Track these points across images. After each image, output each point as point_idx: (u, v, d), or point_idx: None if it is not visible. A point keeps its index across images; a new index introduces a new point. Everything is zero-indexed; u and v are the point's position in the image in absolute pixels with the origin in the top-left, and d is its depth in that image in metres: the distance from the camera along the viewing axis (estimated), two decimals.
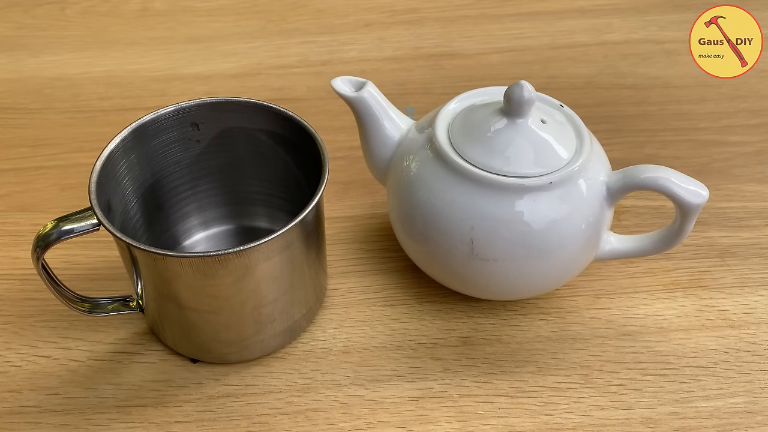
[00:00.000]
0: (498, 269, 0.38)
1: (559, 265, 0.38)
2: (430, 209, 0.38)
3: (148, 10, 0.66)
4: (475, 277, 0.39)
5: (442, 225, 0.37)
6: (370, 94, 0.39)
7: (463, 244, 0.37)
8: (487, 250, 0.37)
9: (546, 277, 0.39)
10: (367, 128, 0.41)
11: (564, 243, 0.37)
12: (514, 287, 0.39)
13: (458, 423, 0.38)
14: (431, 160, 0.38)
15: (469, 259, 0.37)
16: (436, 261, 0.40)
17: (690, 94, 0.57)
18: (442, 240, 0.38)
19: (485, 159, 0.37)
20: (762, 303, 0.43)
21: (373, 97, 0.40)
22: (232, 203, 0.45)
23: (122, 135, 0.38)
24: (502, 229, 0.36)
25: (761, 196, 0.49)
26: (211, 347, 0.39)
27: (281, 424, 0.38)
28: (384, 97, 0.40)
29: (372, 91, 0.40)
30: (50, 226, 0.34)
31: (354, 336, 0.41)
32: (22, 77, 0.59)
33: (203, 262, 0.34)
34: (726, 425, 0.38)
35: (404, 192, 0.39)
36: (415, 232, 0.40)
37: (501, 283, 0.39)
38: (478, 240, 0.37)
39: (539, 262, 0.38)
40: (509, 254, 0.37)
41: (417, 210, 0.39)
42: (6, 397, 0.39)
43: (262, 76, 0.59)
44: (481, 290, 0.40)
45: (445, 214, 0.37)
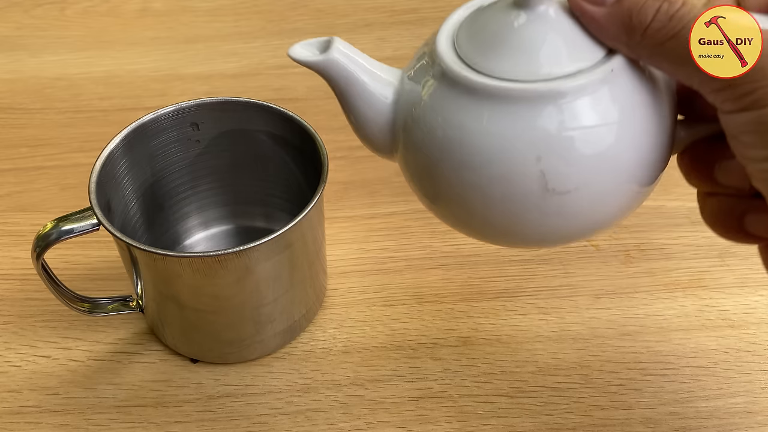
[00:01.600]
0: (583, 198, 0.29)
1: (648, 164, 0.30)
2: (476, 158, 0.29)
3: (148, 10, 0.65)
4: (555, 219, 0.30)
5: (498, 172, 0.28)
6: (341, 53, 0.30)
7: (533, 183, 0.28)
8: (566, 179, 0.28)
9: (637, 185, 0.30)
10: (348, 97, 0.32)
11: (648, 132, 0.29)
12: (604, 216, 0.31)
13: (458, 423, 0.38)
14: (450, 97, 0.29)
15: (543, 198, 0.29)
16: (498, 217, 0.30)
17: None
18: (502, 190, 0.29)
19: (519, 68, 0.28)
20: (762, 303, 0.43)
21: (346, 57, 0.31)
22: (232, 203, 0.45)
23: (122, 135, 0.38)
24: (579, 145, 0.28)
25: None
26: (211, 347, 0.39)
27: (281, 424, 0.38)
28: (360, 53, 0.32)
29: (342, 48, 0.31)
30: (50, 226, 0.34)
31: (354, 336, 0.41)
32: (22, 77, 0.59)
33: (203, 262, 0.34)
34: (726, 425, 0.38)
35: (430, 153, 0.30)
36: (464, 193, 0.30)
37: (587, 215, 0.30)
38: (551, 170, 0.28)
39: (630, 169, 0.29)
40: (594, 173, 0.28)
41: (458, 168, 0.29)
42: (6, 397, 0.39)
43: (262, 76, 0.59)
44: (561, 233, 0.31)
45: (497, 156, 0.28)
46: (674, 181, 0.50)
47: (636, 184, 0.30)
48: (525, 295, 0.43)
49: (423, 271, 0.45)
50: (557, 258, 0.45)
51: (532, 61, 0.28)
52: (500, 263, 0.45)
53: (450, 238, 0.46)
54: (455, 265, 0.45)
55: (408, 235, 0.47)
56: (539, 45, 0.28)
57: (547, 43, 0.28)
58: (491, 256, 0.45)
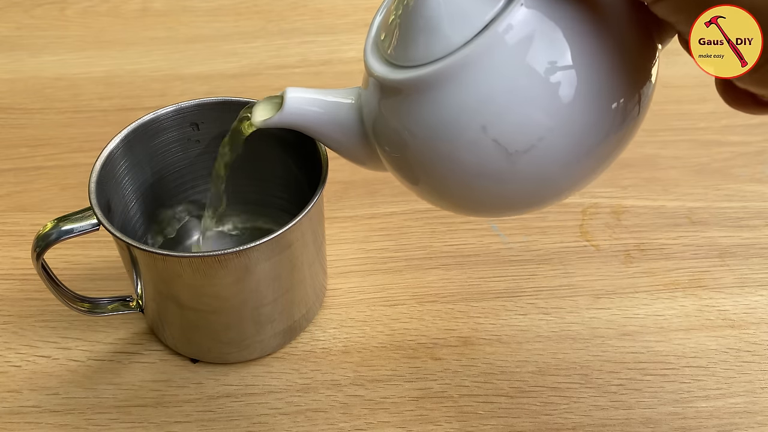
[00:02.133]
0: (552, 146, 0.27)
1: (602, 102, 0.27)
2: (433, 153, 0.28)
3: (148, 10, 0.65)
4: (534, 177, 0.28)
5: (458, 156, 0.28)
6: (295, 103, 0.32)
7: (494, 153, 0.27)
8: (521, 136, 0.27)
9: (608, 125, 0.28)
10: (319, 135, 0.34)
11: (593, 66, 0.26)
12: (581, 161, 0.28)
13: (458, 423, 0.38)
14: (388, 101, 0.29)
15: (513, 162, 0.27)
16: (480, 194, 0.30)
17: (690, 94, 0.57)
18: (472, 171, 0.28)
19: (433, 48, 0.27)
20: (762, 303, 0.43)
21: (300, 103, 0.32)
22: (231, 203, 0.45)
23: (122, 135, 0.38)
24: (515, 101, 0.26)
25: (761, 196, 0.49)
26: (211, 347, 0.39)
27: (281, 424, 0.38)
28: (315, 91, 0.33)
29: (295, 97, 0.32)
30: (50, 226, 0.34)
31: (354, 336, 0.41)
32: (22, 77, 0.59)
33: (203, 262, 0.34)
34: (726, 425, 0.38)
35: (398, 154, 0.30)
36: (441, 183, 0.30)
37: (564, 163, 0.28)
38: (502, 134, 0.27)
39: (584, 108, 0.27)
40: (547, 120, 0.26)
41: (425, 164, 0.29)
42: (6, 397, 0.39)
43: (262, 76, 0.59)
44: (548, 190, 0.30)
45: (450, 144, 0.28)
46: (674, 181, 0.50)
47: (597, 122, 0.27)
48: (525, 295, 0.43)
49: (423, 271, 0.45)
50: (557, 258, 0.45)
51: (441, 35, 0.26)
52: (500, 263, 0.45)
53: (450, 238, 0.46)
54: (455, 265, 0.45)
55: (408, 235, 0.47)
56: (440, 15, 0.27)
57: (446, 9, 0.26)
58: (491, 256, 0.45)
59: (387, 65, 0.28)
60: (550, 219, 0.48)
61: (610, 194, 0.49)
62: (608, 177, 0.50)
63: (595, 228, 0.47)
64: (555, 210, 0.48)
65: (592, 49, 0.26)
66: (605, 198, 0.49)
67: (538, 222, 0.47)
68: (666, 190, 0.50)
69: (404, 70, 0.27)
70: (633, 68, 0.28)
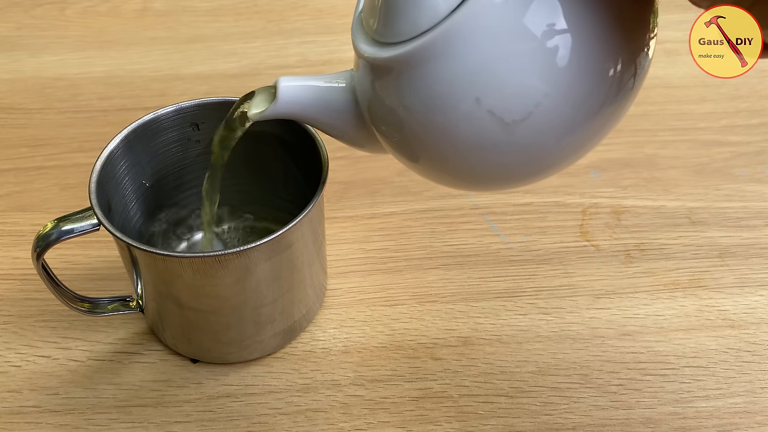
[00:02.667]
0: (549, 112, 0.26)
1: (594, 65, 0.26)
2: (430, 129, 0.28)
3: (148, 10, 0.65)
4: (535, 145, 0.27)
5: (455, 132, 0.27)
6: (288, 92, 0.31)
7: (491, 125, 0.26)
8: (515, 105, 0.26)
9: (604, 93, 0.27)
10: (316, 122, 0.33)
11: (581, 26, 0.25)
12: (582, 126, 0.27)
13: (458, 423, 0.38)
14: (380, 80, 0.29)
15: (510, 132, 0.26)
16: (482, 168, 0.29)
17: (690, 94, 0.57)
18: (471, 145, 0.27)
19: (417, 22, 0.26)
20: (762, 303, 0.43)
21: (293, 91, 0.32)
22: (232, 203, 0.45)
23: (122, 135, 0.38)
24: (505, 68, 0.25)
25: (761, 196, 0.49)
26: (211, 347, 0.39)
27: (281, 424, 0.38)
28: (307, 78, 0.32)
29: (288, 85, 0.32)
30: (50, 226, 0.34)
31: (354, 336, 0.41)
32: (22, 77, 0.59)
33: (203, 262, 0.34)
34: (726, 425, 0.38)
35: (394, 134, 0.30)
36: (442, 160, 0.29)
37: (565, 128, 0.27)
38: (496, 105, 0.26)
39: (591, 69, 0.26)
40: (552, 83, 0.25)
41: (423, 142, 0.29)
42: (6, 397, 0.39)
43: (262, 76, 0.59)
44: (551, 157, 0.29)
45: (446, 119, 0.27)
46: (674, 181, 0.50)
47: (593, 89, 0.26)
48: (525, 295, 0.43)
49: (423, 271, 0.45)
50: (557, 258, 0.45)
51: (425, 5, 0.25)
52: (500, 263, 0.45)
53: (450, 238, 0.46)
54: (455, 265, 0.45)
55: (408, 235, 0.47)
56: None
57: None
58: (491, 256, 0.45)
59: (375, 44, 0.28)
60: (550, 219, 0.48)
61: (610, 194, 0.49)
62: (608, 177, 0.50)
63: (595, 228, 0.47)
64: (555, 210, 0.48)
65: (585, 13, 0.25)
66: (605, 198, 0.49)
67: (538, 222, 0.47)
68: (666, 190, 0.50)
69: (392, 48, 0.27)
70: (628, 37, 0.27)
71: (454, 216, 0.48)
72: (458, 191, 0.49)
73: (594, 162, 0.51)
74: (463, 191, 0.36)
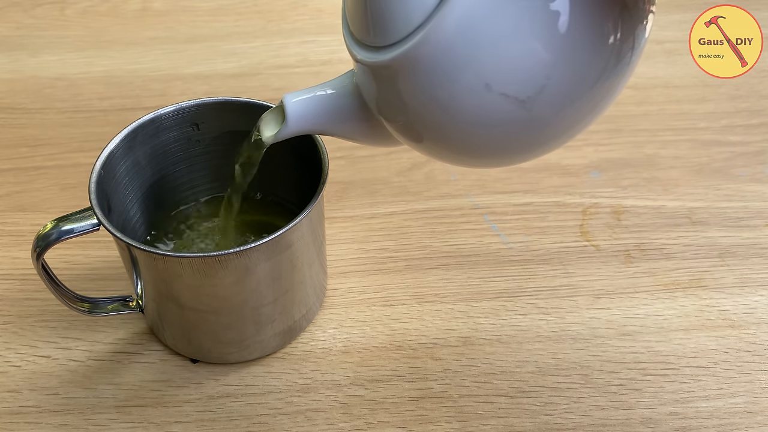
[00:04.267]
0: (560, 86, 0.26)
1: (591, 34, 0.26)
2: (443, 120, 0.27)
3: (148, 10, 0.65)
4: (553, 117, 0.27)
5: (469, 120, 0.27)
6: (295, 109, 0.31)
7: (506, 107, 0.26)
8: (527, 83, 0.25)
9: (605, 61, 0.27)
10: (332, 132, 0.33)
11: None
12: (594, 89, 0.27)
13: (458, 423, 0.38)
14: (380, 82, 0.28)
15: (528, 110, 0.26)
16: (504, 149, 0.29)
17: (690, 94, 0.57)
18: (488, 132, 0.27)
19: (407, 21, 0.25)
20: (762, 303, 0.43)
21: (300, 105, 0.31)
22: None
23: (122, 135, 0.38)
24: (509, 51, 0.25)
25: (761, 196, 0.49)
26: (211, 347, 0.39)
27: (281, 424, 0.38)
28: (310, 90, 0.32)
29: (293, 101, 0.31)
30: (50, 226, 0.34)
31: (354, 336, 0.41)
32: (22, 77, 0.59)
33: (203, 262, 0.34)
34: (726, 425, 0.38)
35: (413, 129, 0.29)
36: (457, 148, 0.29)
37: (579, 95, 0.27)
38: (508, 87, 0.25)
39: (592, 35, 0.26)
40: (558, 52, 0.25)
41: (438, 132, 0.28)
42: (5, 397, 0.39)
43: (262, 76, 0.59)
44: (569, 125, 0.29)
45: (458, 110, 0.26)
46: (674, 181, 0.50)
47: (595, 56, 0.26)
48: (525, 295, 0.43)
49: (423, 271, 0.45)
50: (557, 258, 0.45)
51: (405, 5, 0.25)
52: (500, 263, 0.45)
53: (450, 238, 0.46)
54: (455, 265, 0.45)
55: (408, 235, 0.47)
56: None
57: None
58: (491, 256, 0.45)
59: (369, 49, 0.27)
60: (550, 219, 0.48)
61: (610, 194, 0.49)
62: (608, 177, 0.50)
63: (595, 228, 0.47)
64: (555, 210, 0.48)
65: None
66: (605, 198, 0.49)
67: (538, 222, 0.47)
68: (666, 190, 0.50)
69: (387, 51, 0.26)
70: (626, 8, 0.26)
71: (454, 216, 0.48)
72: (458, 191, 0.49)
73: (594, 162, 0.51)
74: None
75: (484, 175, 0.50)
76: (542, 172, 0.51)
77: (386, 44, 0.26)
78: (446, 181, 0.50)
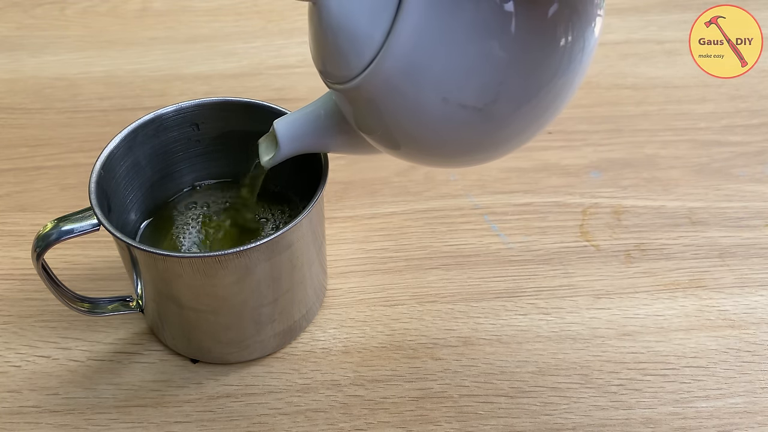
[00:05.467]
0: (514, 90, 0.27)
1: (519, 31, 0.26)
2: (408, 135, 0.30)
3: (148, 10, 0.65)
4: (513, 117, 0.28)
5: (433, 134, 0.29)
6: (285, 135, 0.34)
7: (465, 116, 0.27)
8: (483, 90, 0.27)
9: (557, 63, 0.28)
10: (325, 147, 0.36)
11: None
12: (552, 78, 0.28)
13: (458, 423, 0.38)
14: (357, 105, 0.30)
15: (488, 115, 0.28)
16: (472, 151, 0.31)
17: (690, 94, 0.57)
18: (452, 137, 0.29)
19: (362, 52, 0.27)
20: (762, 303, 0.43)
21: (288, 130, 0.34)
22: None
23: (122, 135, 0.38)
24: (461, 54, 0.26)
25: (761, 196, 0.49)
26: (211, 347, 0.39)
27: (281, 424, 0.38)
28: (298, 114, 0.35)
29: (283, 127, 0.34)
30: (50, 226, 0.34)
31: (354, 336, 0.41)
32: (22, 77, 0.59)
33: (203, 262, 0.34)
34: (726, 425, 0.38)
35: (386, 139, 0.31)
36: (424, 155, 0.32)
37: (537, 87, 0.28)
38: (465, 97, 0.27)
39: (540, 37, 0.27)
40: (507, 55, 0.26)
41: (408, 144, 0.31)
42: (5, 397, 0.39)
43: (263, 76, 0.59)
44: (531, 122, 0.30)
45: (423, 126, 0.29)
46: (674, 182, 0.50)
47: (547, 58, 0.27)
48: (525, 295, 0.43)
49: (423, 271, 0.45)
50: (557, 258, 0.45)
51: (360, 38, 0.27)
52: (500, 263, 0.45)
53: (450, 238, 0.46)
54: (455, 265, 0.45)
55: (408, 235, 0.47)
56: (346, 24, 0.27)
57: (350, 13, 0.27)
58: (491, 256, 0.45)
59: (334, 80, 0.30)
60: (550, 219, 0.48)
61: (610, 194, 0.49)
62: (608, 177, 0.50)
63: (595, 228, 0.47)
64: (555, 210, 0.48)
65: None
66: (605, 198, 0.49)
67: (538, 222, 0.47)
68: (666, 190, 0.50)
69: (348, 82, 0.28)
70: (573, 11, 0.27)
71: (454, 216, 0.48)
72: (458, 191, 0.49)
73: (594, 162, 0.51)
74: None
75: (484, 175, 0.50)
76: (542, 172, 0.51)
77: (345, 81, 0.29)
78: (446, 181, 0.50)
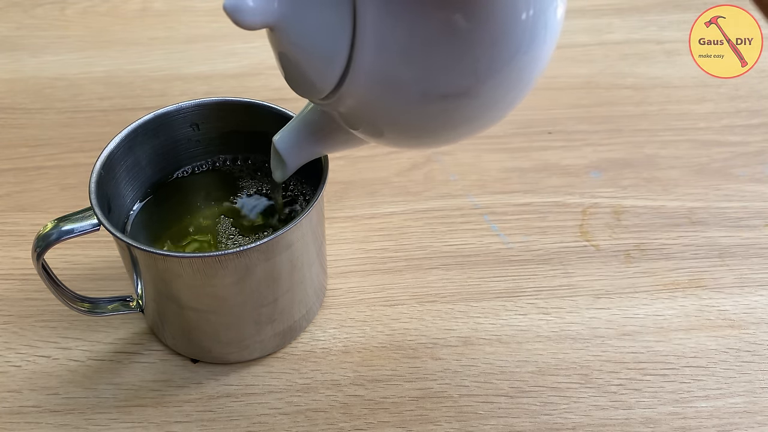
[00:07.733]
0: (495, 67, 0.27)
1: None
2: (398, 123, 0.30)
3: (148, 10, 0.65)
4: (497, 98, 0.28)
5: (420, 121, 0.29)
6: (286, 144, 0.35)
7: (441, 104, 0.28)
8: (457, 77, 0.27)
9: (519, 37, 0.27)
10: (327, 149, 0.36)
11: None
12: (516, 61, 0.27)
13: (458, 423, 0.38)
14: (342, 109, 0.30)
15: (469, 96, 0.28)
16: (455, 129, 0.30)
17: (690, 94, 0.57)
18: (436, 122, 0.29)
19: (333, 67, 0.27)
20: (762, 303, 0.43)
21: (289, 141, 0.35)
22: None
23: (122, 135, 0.38)
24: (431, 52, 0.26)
25: (761, 196, 0.49)
26: (211, 347, 0.39)
27: (281, 424, 0.38)
28: (291, 126, 0.35)
29: (281, 142, 0.35)
30: (50, 226, 0.34)
31: (354, 336, 0.41)
32: (22, 77, 0.59)
33: (203, 262, 0.34)
34: (726, 425, 0.38)
35: (376, 135, 0.32)
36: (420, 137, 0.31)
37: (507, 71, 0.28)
38: (440, 89, 0.27)
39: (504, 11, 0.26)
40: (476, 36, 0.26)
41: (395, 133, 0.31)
42: (6, 397, 0.39)
43: (262, 76, 0.59)
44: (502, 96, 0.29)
45: (405, 116, 0.29)
46: (674, 181, 0.50)
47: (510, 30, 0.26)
48: (525, 295, 0.43)
49: (423, 271, 0.45)
50: (557, 258, 0.45)
51: (326, 54, 0.27)
52: (500, 263, 0.45)
53: (450, 238, 0.46)
54: (455, 265, 0.45)
55: (408, 235, 0.47)
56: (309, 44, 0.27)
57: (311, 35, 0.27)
58: (491, 256, 0.45)
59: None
60: (550, 219, 0.48)
61: (610, 194, 0.49)
62: (608, 177, 0.50)
63: (595, 228, 0.47)
64: (555, 210, 0.48)
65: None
66: (605, 198, 0.49)
67: (538, 222, 0.47)
68: (666, 190, 0.50)
69: (322, 101, 0.29)
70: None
71: (454, 216, 0.48)
72: (458, 191, 0.49)
73: (594, 162, 0.51)
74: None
75: (484, 175, 0.50)
76: (542, 172, 0.51)
77: (319, 98, 0.29)
78: (446, 181, 0.50)
